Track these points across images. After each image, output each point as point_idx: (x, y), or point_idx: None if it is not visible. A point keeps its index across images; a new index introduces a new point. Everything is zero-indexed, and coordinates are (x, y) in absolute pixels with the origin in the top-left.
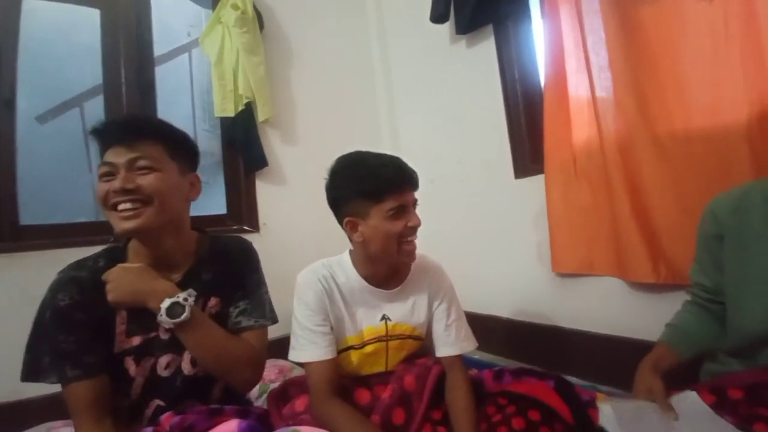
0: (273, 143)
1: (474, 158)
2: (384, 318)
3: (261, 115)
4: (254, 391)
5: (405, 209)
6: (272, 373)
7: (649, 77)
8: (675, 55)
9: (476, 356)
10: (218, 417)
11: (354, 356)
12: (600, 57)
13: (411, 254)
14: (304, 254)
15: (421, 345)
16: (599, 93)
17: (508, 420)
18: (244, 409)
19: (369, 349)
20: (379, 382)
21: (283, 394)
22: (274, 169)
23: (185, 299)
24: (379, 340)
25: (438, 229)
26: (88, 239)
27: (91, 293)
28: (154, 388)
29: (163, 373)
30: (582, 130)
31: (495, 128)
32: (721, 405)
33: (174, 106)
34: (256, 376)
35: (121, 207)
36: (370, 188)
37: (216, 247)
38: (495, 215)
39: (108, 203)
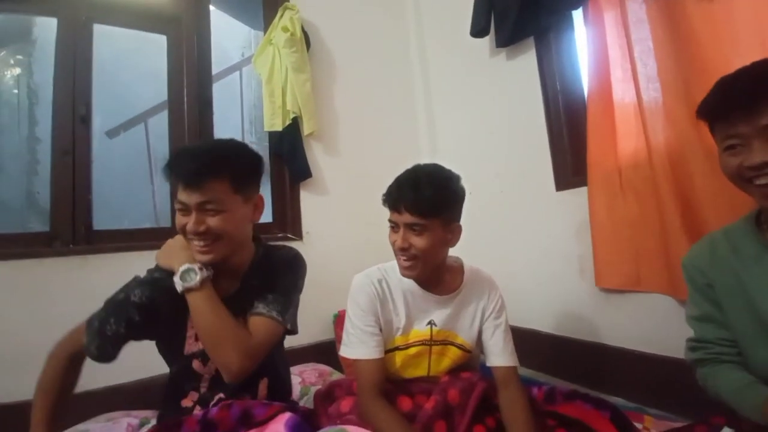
0: (316, 155)
1: (514, 170)
2: (430, 323)
3: (306, 129)
4: (296, 393)
5: (397, 228)
6: (312, 376)
7: (701, 87)
8: (727, 63)
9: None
10: (271, 407)
11: (398, 357)
12: (648, 66)
13: (404, 270)
14: (344, 262)
15: (468, 358)
16: (647, 103)
17: None
18: (290, 406)
19: (412, 351)
20: (420, 392)
21: (329, 395)
22: (318, 179)
23: (200, 268)
24: (423, 343)
25: (477, 242)
26: (152, 243)
27: (166, 297)
28: (218, 384)
29: None
30: (628, 141)
31: (536, 140)
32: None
33: (226, 120)
34: (243, 363)
35: (195, 243)
36: (383, 198)
37: (268, 256)
38: (535, 228)
39: (185, 236)
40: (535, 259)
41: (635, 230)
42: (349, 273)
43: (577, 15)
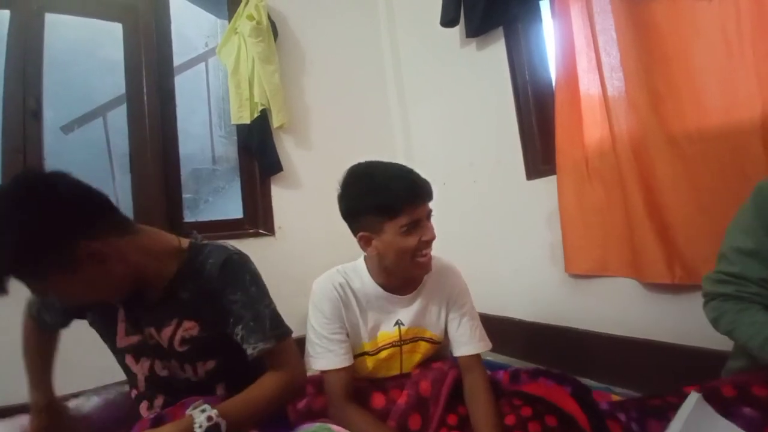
0: (288, 148)
1: (486, 160)
2: (398, 323)
3: (276, 122)
4: None
5: (419, 224)
6: None
7: (662, 76)
8: (687, 54)
9: (489, 357)
10: None
11: (369, 362)
12: (611, 56)
13: (426, 266)
14: (318, 257)
15: (438, 348)
16: (611, 92)
17: (524, 424)
18: None
19: (383, 354)
20: (394, 386)
21: None
22: (289, 173)
23: (209, 419)
24: (393, 345)
25: (450, 231)
26: None
27: None
28: (156, 386)
29: (162, 372)
30: (594, 130)
31: (506, 130)
32: (742, 399)
33: (191, 113)
34: (300, 391)
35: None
36: (384, 204)
37: (196, 262)
38: (507, 216)
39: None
40: (508, 248)
41: (602, 217)
42: (323, 268)
43: (545, 5)
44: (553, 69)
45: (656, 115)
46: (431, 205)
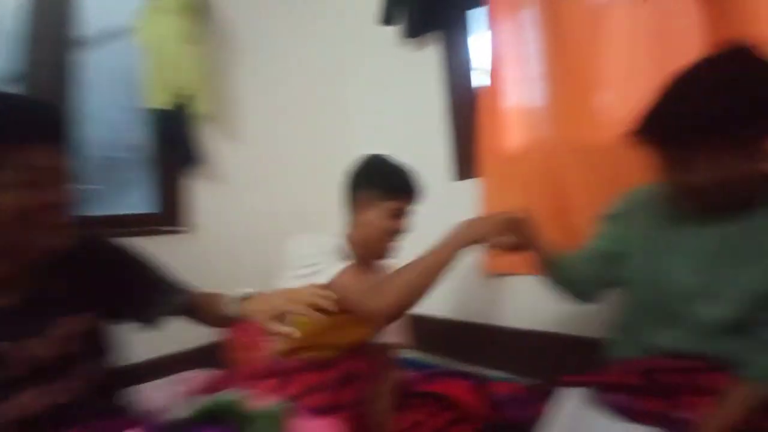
0: (213, 139)
1: (417, 159)
2: None
3: (200, 109)
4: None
5: (402, 214)
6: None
7: (578, 89)
8: (598, 73)
9: (411, 356)
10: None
11: None
12: (534, 69)
13: (392, 251)
14: (239, 257)
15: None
16: (532, 102)
17: (428, 419)
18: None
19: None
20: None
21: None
22: (213, 166)
23: None
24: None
25: None
26: None
27: None
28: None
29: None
30: (515, 136)
31: (437, 131)
32: (618, 386)
33: (101, 94)
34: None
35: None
36: (390, 185)
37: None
38: (434, 216)
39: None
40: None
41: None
42: (244, 269)
43: (476, 17)
44: (477, 76)
45: (567, 126)
46: None
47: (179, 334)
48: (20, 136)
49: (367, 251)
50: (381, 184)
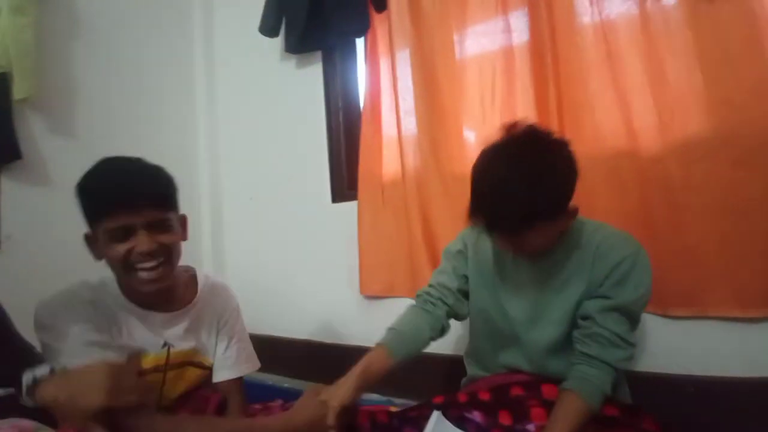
0: (34, 131)
1: (295, 179)
2: (166, 345)
3: (17, 92)
4: None
5: (131, 232)
6: None
7: (440, 125)
8: (458, 113)
9: (270, 381)
10: None
11: None
12: (407, 102)
13: (146, 283)
14: (65, 277)
15: (206, 376)
16: (404, 133)
17: None
18: None
19: (151, 380)
20: None
21: None
22: (32, 163)
23: None
24: (156, 370)
25: (255, 248)
26: None
27: None
28: None
29: None
30: (390, 164)
31: (317, 152)
32: (472, 403)
33: None
34: None
35: None
36: (96, 201)
37: None
38: (311, 237)
39: None
40: (309, 268)
41: (391, 243)
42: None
43: (360, 44)
44: (361, 101)
45: (434, 157)
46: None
47: None
48: None
49: (132, 291)
50: (89, 202)
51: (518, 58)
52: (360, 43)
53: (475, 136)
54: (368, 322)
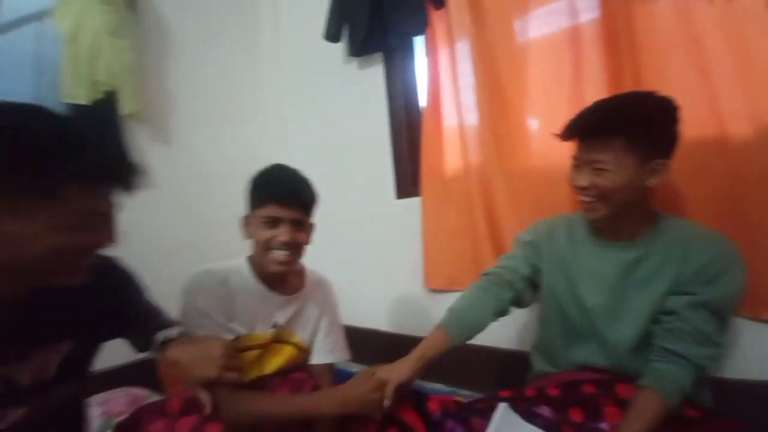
0: (139, 140)
1: (359, 176)
2: (274, 325)
3: (126, 108)
4: (95, 427)
5: (279, 222)
6: (120, 404)
7: (503, 117)
8: (521, 102)
9: (354, 369)
10: None
11: None
12: (468, 96)
13: (277, 265)
14: (176, 267)
15: (302, 358)
16: (466, 128)
17: None
18: None
19: (251, 355)
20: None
21: (134, 425)
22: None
23: None
24: (261, 346)
25: (322, 244)
26: None
27: None
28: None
29: None
30: (452, 160)
31: (380, 149)
32: (540, 398)
33: (13, 82)
34: None
35: None
36: (262, 191)
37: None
38: (376, 233)
39: None
40: (375, 262)
41: (455, 237)
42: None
43: (419, 40)
44: (422, 99)
45: (497, 151)
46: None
47: (109, 350)
48: (92, 176)
49: (262, 269)
50: (255, 192)
51: (587, 40)
52: (419, 41)
53: (539, 128)
54: (435, 314)
